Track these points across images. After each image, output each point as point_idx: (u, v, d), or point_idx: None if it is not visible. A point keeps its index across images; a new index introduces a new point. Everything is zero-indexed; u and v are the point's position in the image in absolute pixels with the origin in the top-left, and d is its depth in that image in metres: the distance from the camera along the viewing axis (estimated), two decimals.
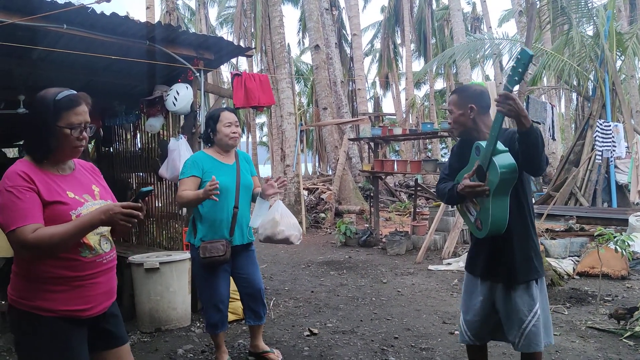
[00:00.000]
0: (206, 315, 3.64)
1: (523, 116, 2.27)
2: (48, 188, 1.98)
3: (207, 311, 3.60)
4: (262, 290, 3.72)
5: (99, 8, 3.98)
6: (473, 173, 2.54)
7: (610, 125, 9.85)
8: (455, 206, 2.92)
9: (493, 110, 2.63)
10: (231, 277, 3.70)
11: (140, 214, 1.94)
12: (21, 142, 9.23)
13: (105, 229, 2.11)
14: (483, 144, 2.48)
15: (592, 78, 11.29)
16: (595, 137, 10.00)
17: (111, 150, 7.21)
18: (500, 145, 2.42)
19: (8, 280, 2.08)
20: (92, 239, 2.04)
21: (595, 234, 5.41)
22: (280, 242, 3.52)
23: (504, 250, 2.61)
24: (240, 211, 3.51)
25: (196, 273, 3.66)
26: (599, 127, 9.88)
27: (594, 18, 11.21)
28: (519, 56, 2.29)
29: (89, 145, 7.57)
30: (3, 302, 4.14)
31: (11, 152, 11.18)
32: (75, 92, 2.07)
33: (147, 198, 2.08)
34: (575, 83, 12.89)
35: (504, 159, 2.42)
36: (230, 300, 4.81)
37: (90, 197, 2.10)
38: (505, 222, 2.49)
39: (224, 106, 3.69)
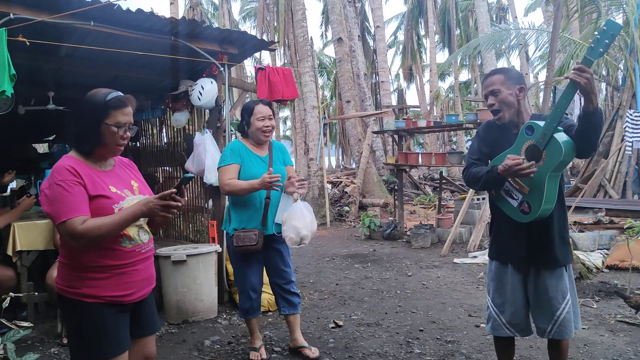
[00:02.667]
0: (239, 301, 3.75)
1: (594, 93, 2.21)
2: (93, 182, 2.10)
3: (240, 297, 3.72)
4: (292, 280, 3.78)
5: (124, 5, 4.04)
6: (522, 159, 2.42)
7: None
8: (489, 192, 2.75)
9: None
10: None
11: (179, 202, 2.06)
12: (51, 138, 9.43)
13: (142, 222, 2.24)
14: (540, 123, 2.41)
15: (621, 67, 11.04)
16: (625, 127, 9.77)
17: (138, 144, 7.32)
18: None
19: (41, 272, 2.18)
20: (131, 230, 2.17)
21: (625, 226, 5.32)
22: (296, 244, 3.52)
23: (544, 234, 2.56)
24: (272, 201, 3.56)
25: (231, 260, 3.75)
26: (629, 117, 9.65)
27: (623, 6, 10.92)
28: (605, 27, 2.20)
29: None
30: (36, 294, 4.25)
31: (41, 148, 11.42)
32: (122, 94, 2.19)
33: (187, 185, 2.19)
34: (604, 73, 12.62)
35: (564, 136, 2.37)
36: None
37: (129, 192, 2.22)
38: (554, 204, 2.45)
39: (255, 99, 3.73)
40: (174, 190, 2.06)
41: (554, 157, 2.36)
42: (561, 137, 2.36)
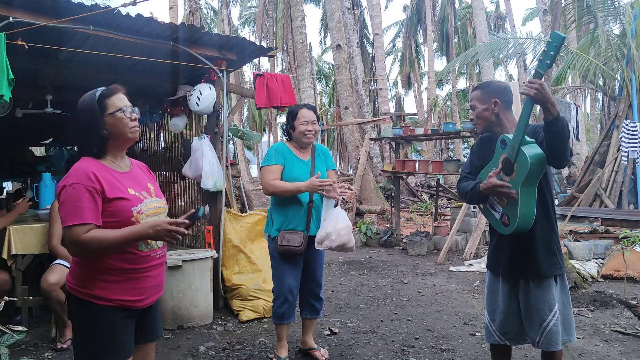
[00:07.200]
0: (274, 306, 3.70)
1: (550, 103, 2.23)
2: (111, 185, 2.07)
3: (275, 301, 3.68)
4: (322, 285, 3.83)
5: (124, 10, 4.05)
6: (500, 170, 2.50)
7: (636, 126, 9.66)
8: (477, 206, 2.88)
9: (516, 110, 2.61)
10: None
11: (186, 232, 2.02)
12: (48, 141, 9.41)
13: None
14: (509, 136, 2.45)
15: (618, 77, 11.10)
16: (621, 137, 9.83)
17: (135, 149, 7.31)
18: (526, 137, 2.40)
19: (36, 276, 2.15)
20: None
21: (621, 236, 5.34)
22: (337, 249, 3.51)
23: (527, 246, 2.59)
24: (315, 205, 3.61)
25: (272, 263, 3.72)
26: (625, 127, 9.71)
27: (621, 16, 11.01)
28: (550, 39, 2.24)
29: None
30: (31, 298, 4.23)
31: (38, 151, 11.40)
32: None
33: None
34: (600, 83, 12.68)
35: (532, 148, 2.39)
36: (251, 297, 4.86)
37: (147, 194, 2.20)
38: (533, 216, 2.47)
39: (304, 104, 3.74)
40: (186, 221, 2.02)
41: (522, 169, 2.39)
42: (529, 149, 2.39)
